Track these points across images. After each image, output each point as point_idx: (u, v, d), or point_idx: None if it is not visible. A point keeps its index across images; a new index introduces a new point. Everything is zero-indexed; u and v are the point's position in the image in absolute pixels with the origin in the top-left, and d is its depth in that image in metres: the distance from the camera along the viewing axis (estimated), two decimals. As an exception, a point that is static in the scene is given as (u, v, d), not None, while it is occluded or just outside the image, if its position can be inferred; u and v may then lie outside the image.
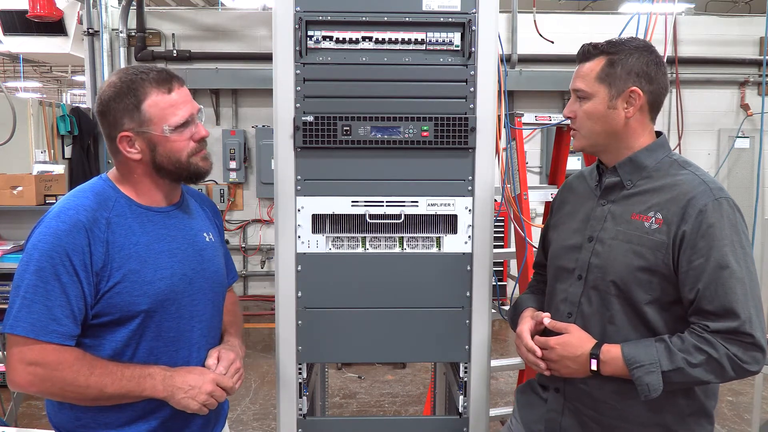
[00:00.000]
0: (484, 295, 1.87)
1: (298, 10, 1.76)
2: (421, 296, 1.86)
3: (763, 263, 3.51)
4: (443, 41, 1.79)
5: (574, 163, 5.66)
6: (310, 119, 1.79)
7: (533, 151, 7.05)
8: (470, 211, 1.85)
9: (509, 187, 2.62)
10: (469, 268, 1.86)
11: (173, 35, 6.78)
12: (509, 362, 3.14)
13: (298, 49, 1.78)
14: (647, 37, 2.35)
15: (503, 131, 2.26)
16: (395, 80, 1.80)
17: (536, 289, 1.79)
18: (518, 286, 2.67)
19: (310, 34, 1.78)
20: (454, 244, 1.86)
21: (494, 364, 2.77)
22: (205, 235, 1.60)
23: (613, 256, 1.48)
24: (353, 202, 1.84)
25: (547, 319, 1.55)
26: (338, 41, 1.79)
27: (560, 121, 2.79)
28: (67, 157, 6.44)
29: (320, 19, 1.77)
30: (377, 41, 1.79)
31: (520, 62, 6.69)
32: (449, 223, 1.85)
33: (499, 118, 1.96)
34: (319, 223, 1.84)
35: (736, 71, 7.00)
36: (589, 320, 1.51)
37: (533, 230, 2.57)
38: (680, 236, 1.39)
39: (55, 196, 3.97)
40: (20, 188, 3.85)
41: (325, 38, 1.79)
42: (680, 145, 6.87)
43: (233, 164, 6.86)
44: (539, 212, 6.11)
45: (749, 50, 7.06)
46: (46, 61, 10.32)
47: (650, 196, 1.47)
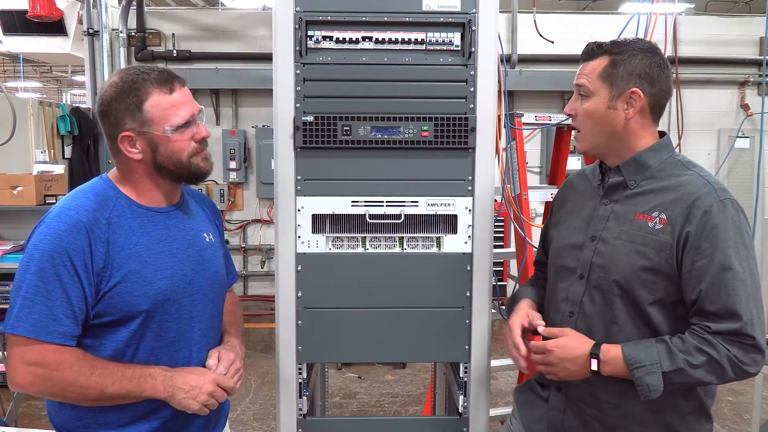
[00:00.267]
0: (484, 295, 1.87)
1: (298, 10, 1.76)
2: (421, 296, 1.86)
3: (763, 263, 3.51)
4: (443, 41, 1.79)
5: (574, 163, 5.67)
6: (310, 119, 1.79)
7: (533, 151, 7.05)
8: (470, 211, 1.85)
9: (509, 187, 2.61)
10: (469, 268, 1.86)
11: (173, 35, 6.78)
12: (509, 362, 3.13)
13: (298, 49, 1.78)
14: (647, 37, 2.35)
15: (503, 131, 2.26)
16: (395, 80, 1.80)
17: (536, 283, 1.79)
18: (518, 286, 2.66)
19: (310, 34, 1.78)
20: (454, 244, 1.86)
21: (494, 364, 2.76)
22: (205, 235, 1.60)
23: (616, 255, 1.48)
24: (353, 202, 1.84)
25: (541, 327, 1.54)
26: (338, 41, 1.79)
27: (560, 121, 2.79)
28: (67, 157, 6.43)
29: (320, 19, 1.77)
30: (377, 41, 1.79)
31: (520, 62, 6.69)
32: (449, 223, 1.85)
33: (499, 118, 1.96)
34: (319, 223, 1.84)
35: (736, 71, 7.00)
36: (591, 320, 1.51)
37: (533, 230, 2.56)
38: (684, 237, 1.39)
39: (55, 196, 3.96)
40: (20, 188, 3.84)
41: (325, 38, 1.79)
42: (680, 145, 6.87)
43: (233, 164, 6.86)
44: (539, 212, 6.11)
45: (749, 50, 7.05)
46: (46, 61, 10.32)
47: (654, 196, 1.47)
